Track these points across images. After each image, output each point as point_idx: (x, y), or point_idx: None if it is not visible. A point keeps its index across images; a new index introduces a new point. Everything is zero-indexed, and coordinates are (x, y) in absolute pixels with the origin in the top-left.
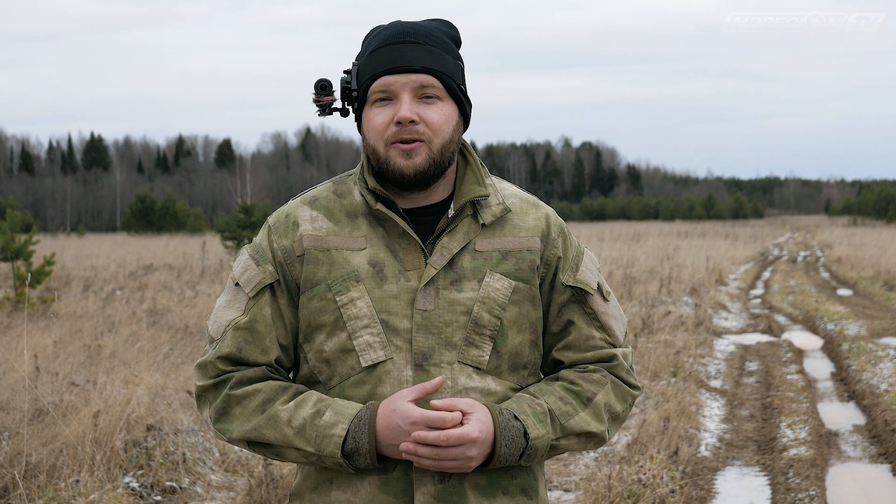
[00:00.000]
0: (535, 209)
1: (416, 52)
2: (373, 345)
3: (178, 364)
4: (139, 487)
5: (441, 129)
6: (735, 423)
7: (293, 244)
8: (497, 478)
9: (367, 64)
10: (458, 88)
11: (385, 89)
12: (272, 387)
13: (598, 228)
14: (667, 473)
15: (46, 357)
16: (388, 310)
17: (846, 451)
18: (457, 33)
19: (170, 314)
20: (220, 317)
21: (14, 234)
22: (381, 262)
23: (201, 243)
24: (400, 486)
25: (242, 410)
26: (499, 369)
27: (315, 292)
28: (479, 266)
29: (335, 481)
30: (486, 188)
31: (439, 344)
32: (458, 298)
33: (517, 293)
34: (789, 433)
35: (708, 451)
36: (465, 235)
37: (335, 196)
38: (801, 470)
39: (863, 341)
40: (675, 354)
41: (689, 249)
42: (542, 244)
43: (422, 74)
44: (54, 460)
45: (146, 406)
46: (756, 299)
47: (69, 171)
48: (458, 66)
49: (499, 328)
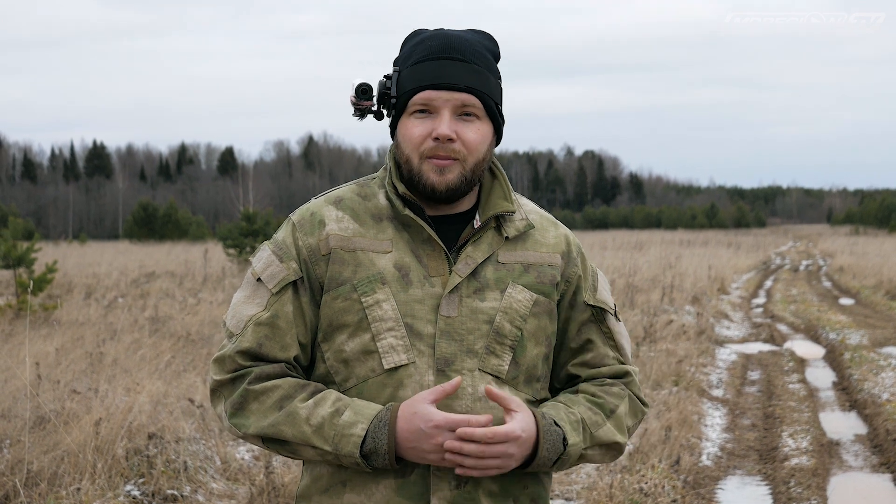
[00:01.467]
0: (555, 228)
1: (461, 71)
2: (396, 347)
3: (180, 372)
4: (140, 496)
5: (477, 148)
6: (737, 432)
7: (319, 243)
8: (509, 486)
9: (410, 74)
10: (496, 108)
11: (426, 103)
12: (291, 384)
13: (600, 237)
14: (668, 483)
15: (48, 364)
16: (412, 314)
17: (848, 461)
18: (497, 49)
19: (172, 322)
20: (240, 312)
21: (16, 242)
22: (407, 266)
23: (203, 251)
24: (416, 489)
25: (260, 406)
26: (516, 380)
27: (340, 292)
28: (502, 277)
29: (349, 483)
30: (512, 204)
31: (461, 351)
32: (481, 307)
33: (537, 306)
34: (791, 442)
35: (709, 460)
36: (490, 247)
37: (360, 198)
38: (803, 479)
39: (865, 350)
40: (677, 363)
41: (692, 258)
42: (563, 262)
43: (465, 94)
44: (55, 468)
45: (148, 414)
46: (758, 308)
47: (71, 179)
48: (498, 85)
49: (519, 339)
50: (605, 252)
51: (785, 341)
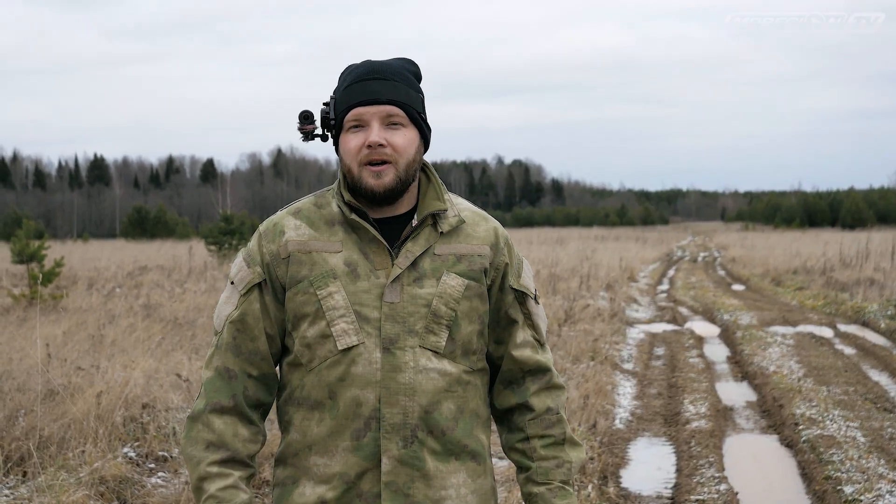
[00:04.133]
0: (485, 222)
1: (383, 87)
2: (347, 331)
3: (169, 351)
4: (136, 457)
5: (405, 150)
6: (645, 400)
7: (279, 248)
8: (451, 446)
9: (342, 97)
10: (419, 116)
11: (358, 118)
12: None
13: (527, 234)
14: (587, 443)
15: (56, 345)
16: (360, 302)
17: (740, 424)
18: (418, 70)
19: (162, 308)
20: (221, 312)
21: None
22: (355, 262)
23: (188, 248)
24: (370, 450)
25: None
26: (453, 353)
27: (299, 288)
28: (437, 267)
29: (314, 448)
30: (444, 203)
31: (404, 331)
32: (419, 293)
33: (469, 290)
34: (691, 408)
35: (622, 424)
36: (426, 241)
37: (315, 207)
38: (702, 440)
39: (754, 329)
40: (594, 341)
41: (605, 251)
42: (491, 252)
43: (388, 105)
44: (64, 434)
45: (142, 387)
46: (662, 294)
47: (76, 187)
48: (419, 97)
49: (454, 319)
50: (532, 246)
51: (686, 322)
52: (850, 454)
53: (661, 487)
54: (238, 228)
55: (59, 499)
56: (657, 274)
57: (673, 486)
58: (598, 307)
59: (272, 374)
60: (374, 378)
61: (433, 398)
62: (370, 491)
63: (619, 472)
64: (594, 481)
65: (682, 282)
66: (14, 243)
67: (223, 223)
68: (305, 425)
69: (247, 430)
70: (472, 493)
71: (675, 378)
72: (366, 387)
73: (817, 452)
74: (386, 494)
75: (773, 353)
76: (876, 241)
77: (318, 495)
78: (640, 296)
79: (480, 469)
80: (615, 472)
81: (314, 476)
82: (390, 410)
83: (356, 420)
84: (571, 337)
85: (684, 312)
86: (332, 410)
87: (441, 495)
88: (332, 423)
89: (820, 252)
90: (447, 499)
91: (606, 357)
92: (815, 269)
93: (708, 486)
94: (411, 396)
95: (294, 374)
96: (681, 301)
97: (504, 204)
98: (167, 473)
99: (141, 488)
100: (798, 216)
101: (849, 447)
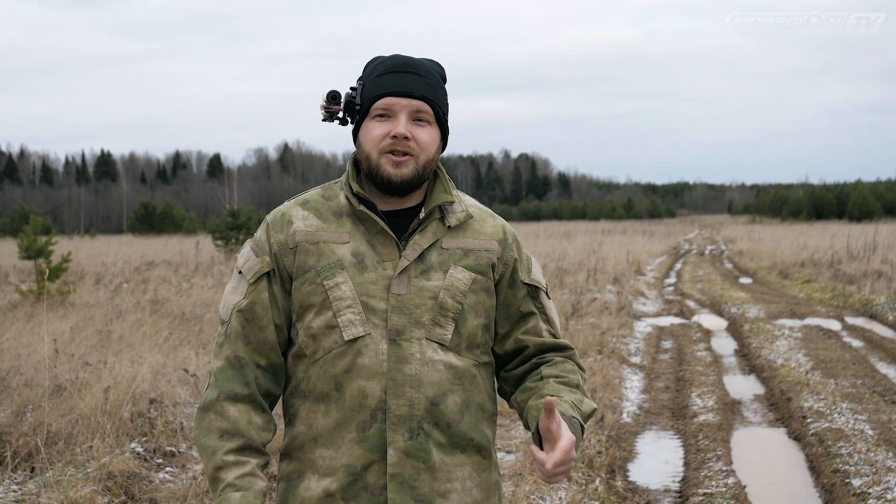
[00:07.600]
0: (492, 219)
1: (417, 82)
2: (354, 322)
3: (176, 346)
4: (143, 452)
5: (427, 147)
6: (652, 393)
7: (287, 238)
8: (457, 438)
9: (372, 84)
10: (444, 117)
11: (387, 108)
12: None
13: (533, 227)
14: (594, 437)
15: (64, 341)
16: (367, 293)
17: (748, 417)
18: (444, 73)
19: (169, 303)
20: (228, 301)
21: (36, 236)
22: (363, 253)
23: (195, 243)
24: (376, 442)
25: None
26: (459, 347)
27: (306, 278)
28: (445, 260)
29: (319, 440)
30: (451, 196)
31: (410, 323)
32: (426, 286)
33: (476, 283)
34: (699, 402)
35: (629, 417)
36: (434, 234)
37: (323, 199)
38: (710, 433)
39: (761, 322)
40: (601, 335)
41: (612, 245)
42: (500, 247)
43: (419, 101)
44: (71, 429)
45: (149, 382)
46: (669, 287)
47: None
48: (445, 99)
49: (460, 312)
50: (538, 240)
51: (693, 315)
52: (859, 447)
53: (668, 481)
54: (245, 223)
55: (66, 494)
56: (664, 267)
57: (681, 479)
58: (606, 301)
59: (280, 364)
60: (380, 369)
61: (439, 390)
62: (376, 483)
63: (626, 466)
64: (602, 475)
65: (690, 275)
66: (22, 239)
67: (230, 218)
68: (311, 417)
69: (260, 419)
70: (476, 486)
71: (683, 371)
72: (372, 378)
73: (825, 445)
74: (391, 486)
75: (781, 347)
76: (883, 234)
77: (323, 488)
78: (648, 289)
79: (486, 463)
80: (623, 465)
81: (319, 469)
82: (396, 402)
83: (362, 412)
84: (579, 330)
85: (692, 306)
86: (338, 402)
87: (446, 488)
88: (339, 415)
89: (827, 245)
90: (452, 492)
91: (614, 351)
92: (822, 262)
93: (716, 480)
94: (417, 388)
95: (299, 366)
96: (688, 294)
97: (511, 198)
98: (175, 468)
99: (149, 483)
100: (805, 209)
101: (857, 440)
